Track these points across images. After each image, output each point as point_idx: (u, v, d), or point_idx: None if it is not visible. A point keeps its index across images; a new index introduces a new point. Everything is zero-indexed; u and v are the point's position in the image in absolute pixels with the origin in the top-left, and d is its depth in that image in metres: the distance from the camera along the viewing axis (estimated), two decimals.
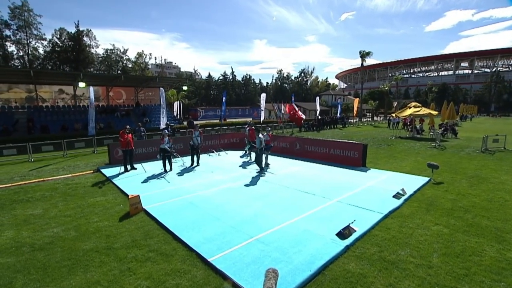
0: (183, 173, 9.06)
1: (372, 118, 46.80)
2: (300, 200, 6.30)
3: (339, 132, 23.85)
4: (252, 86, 79.71)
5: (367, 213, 5.54)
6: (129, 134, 9.32)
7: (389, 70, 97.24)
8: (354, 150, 9.88)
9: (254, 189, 7.17)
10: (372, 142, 16.48)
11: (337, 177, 8.30)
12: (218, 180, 8.17)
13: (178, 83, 28.30)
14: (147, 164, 10.31)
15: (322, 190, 6.96)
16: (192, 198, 6.53)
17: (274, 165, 10.24)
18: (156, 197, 6.64)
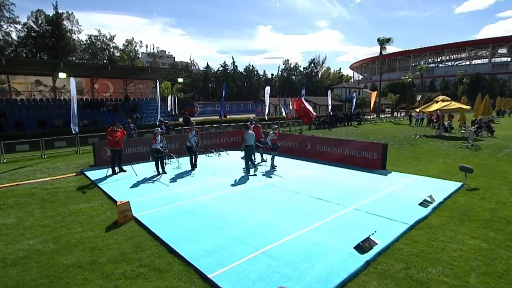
0: (179, 176, 9.09)
1: (392, 114, 46.45)
2: (311, 208, 6.27)
3: (354, 130, 23.77)
4: (255, 78, 79.86)
5: (390, 223, 5.46)
6: (118, 132, 9.34)
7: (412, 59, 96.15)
8: (372, 151, 9.85)
9: (260, 195, 7.16)
10: (392, 141, 16.36)
11: (354, 181, 8.28)
12: (219, 184, 8.19)
13: (173, 74, 28.39)
14: (138, 166, 10.36)
15: (336, 196, 6.94)
16: (189, 205, 6.52)
17: (282, 167, 10.27)
18: (148, 203, 6.63)
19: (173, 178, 8.81)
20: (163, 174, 9.27)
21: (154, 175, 9.16)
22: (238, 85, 73.00)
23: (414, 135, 18.65)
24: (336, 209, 6.14)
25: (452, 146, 14.33)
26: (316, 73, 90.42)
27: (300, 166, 10.43)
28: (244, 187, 7.87)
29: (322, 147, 11.49)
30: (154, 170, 9.49)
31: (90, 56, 52.48)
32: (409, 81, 47.17)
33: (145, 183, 8.34)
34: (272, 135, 10.05)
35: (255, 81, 77.99)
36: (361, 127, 26.99)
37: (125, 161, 9.90)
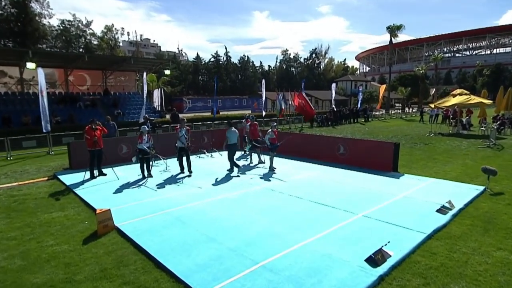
0: (167, 180, 9.07)
1: (403, 109, 46.69)
2: (316, 215, 6.26)
3: (361, 128, 23.90)
4: (251, 70, 79.99)
5: (404, 232, 5.44)
6: (97, 130, 9.27)
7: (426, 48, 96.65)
8: (382, 151, 9.90)
9: (258, 201, 7.16)
10: (404, 140, 16.46)
11: (362, 185, 8.30)
12: (212, 188, 8.20)
13: (158, 66, 28.22)
14: (120, 169, 10.33)
15: (343, 202, 6.95)
16: (179, 212, 6.47)
17: (282, 169, 10.30)
18: (132, 211, 6.56)
19: (161, 182, 8.77)
20: (149, 177, 9.26)
21: (138, 179, 9.14)
22: (232, 78, 73.03)
23: (428, 133, 18.78)
24: (343, 217, 6.12)
25: (472, 145, 14.44)
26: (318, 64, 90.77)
27: (302, 168, 10.48)
28: (241, 192, 7.86)
29: (326, 147, 11.55)
30: (139, 173, 9.45)
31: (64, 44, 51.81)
32: (422, 73, 47.50)
33: (129, 188, 8.31)
34: (270, 133, 10.07)
35: (251, 74, 78.07)
36: (368, 124, 27.14)
37: (105, 163, 9.79)
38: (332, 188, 8.10)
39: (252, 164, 11.28)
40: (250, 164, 11.28)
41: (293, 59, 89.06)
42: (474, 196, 7.24)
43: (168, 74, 32.69)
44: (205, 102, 55.19)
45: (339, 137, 13.17)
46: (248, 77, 76.71)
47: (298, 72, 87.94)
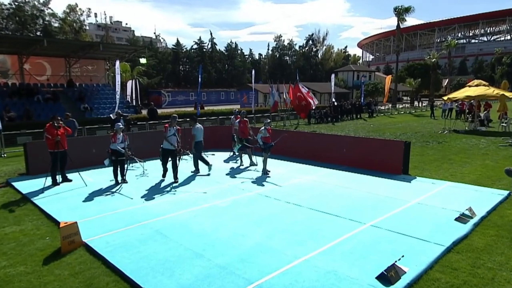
0: (146, 186, 9.03)
1: (412, 103, 47.40)
2: (318, 225, 6.25)
3: (364, 125, 24.17)
4: (239, 59, 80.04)
5: (420, 244, 5.46)
6: (61, 129, 9.12)
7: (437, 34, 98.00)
8: (391, 151, 10.00)
9: (251, 209, 7.15)
10: (414, 138, 16.70)
11: (369, 190, 8.36)
12: (198, 195, 8.15)
13: (133, 53, 27.87)
14: (88, 173, 10.27)
15: (348, 210, 6.97)
16: (159, 224, 6.37)
17: (277, 172, 10.32)
18: (104, 223, 6.44)
19: (138, 189, 8.73)
20: (123, 183, 9.20)
21: (111, 185, 9.10)
22: (218, 67, 72.87)
23: (441, 130, 19.07)
24: (349, 227, 6.12)
25: (492, 144, 14.69)
26: (315, 53, 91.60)
27: (299, 171, 10.52)
28: (231, 199, 7.85)
29: (327, 146, 11.64)
30: (112, 178, 9.39)
31: (17, 26, 50.38)
32: (433, 61, 48.11)
33: (100, 196, 8.21)
34: (263, 132, 10.08)
35: (239, 63, 78.10)
36: (373, 121, 27.45)
37: (71, 167, 9.60)
38: (335, 194, 8.12)
39: (242, 167, 11.25)
40: (240, 167, 11.26)
41: (287, 46, 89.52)
42: (497, 202, 7.31)
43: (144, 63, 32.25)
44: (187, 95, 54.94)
45: (341, 136, 13.24)
46: (236, 67, 76.69)
47: (293, 61, 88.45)
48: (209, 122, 22.03)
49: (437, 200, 7.50)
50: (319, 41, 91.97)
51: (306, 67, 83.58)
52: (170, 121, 9.42)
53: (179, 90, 57.66)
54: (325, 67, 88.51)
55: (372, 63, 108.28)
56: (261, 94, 43.64)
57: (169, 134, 9.14)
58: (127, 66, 33.03)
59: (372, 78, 58.16)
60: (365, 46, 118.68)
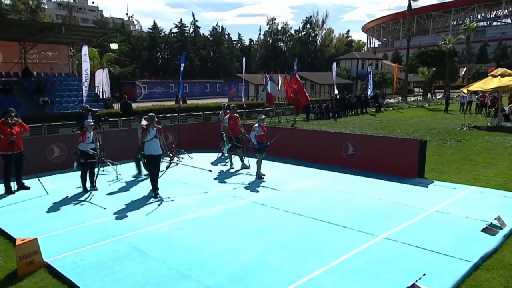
0: (120, 193, 8.97)
1: (425, 95, 47.75)
2: (323, 238, 6.20)
3: (371, 120, 24.33)
4: (226, 45, 79.95)
5: (443, 260, 5.40)
6: (15, 127, 8.96)
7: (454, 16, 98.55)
8: (404, 151, 10.03)
9: (245, 220, 7.09)
10: (429, 135, 16.85)
11: (380, 196, 8.35)
12: (181, 204, 8.07)
13: (102, 37, 27.32)
14: (50, 179, 10.11)
15: (357, 220, 6.95)
16: (137, 239, 6.26)
17: (273, 176, 10.29)
18: (70, 239, 6.30)
19: (111, 197, 8.63)
20: (93, 190, 9.10)
21: (78, 193, 8.98)
22: (202, 55, 72.57)
23: (460, 127, 19.19)
24: (359, 239, 6.09)
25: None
26: (313, 38, 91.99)
27: (299, 175, 10.55)
28: (220, 208, 7.80)
29: (330, 145, 11.70)
30: (79, 185, 9.28)
31: None
32: (449, 47, 48.47)
33: (64, 206, 8.06)
34: (257, 129, 10.04)
35: (226, 50, 77.97)
36: (381, 116, 27.65)
37: (28, 171, 9.42)
38: (341, 201, 8.11)
39: (232, 170, 11.23)
40: (231, 170, 11.23)
41: (282, 30, 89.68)
42: None
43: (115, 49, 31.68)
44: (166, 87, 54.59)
45: (346, 133, 13.24)
46: (223, 54, 76.55)
47: (288, 48, 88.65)
48: (193, 118, 21.89)
49: (459, 207, 7.50)
50: (317, 25, 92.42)
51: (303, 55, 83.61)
52: (148, 121, 8.74)
53: (157, 81, 57.27)
54: (325, 54, 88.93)
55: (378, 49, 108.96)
56: (252, 85, 43.65)
57: (148, 137, 8.48)
58: (95, 53, 32.49)
59: (379, 67, 58.60)
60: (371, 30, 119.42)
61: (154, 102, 37.06)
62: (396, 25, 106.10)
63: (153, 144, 8.48)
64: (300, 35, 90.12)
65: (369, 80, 32.66)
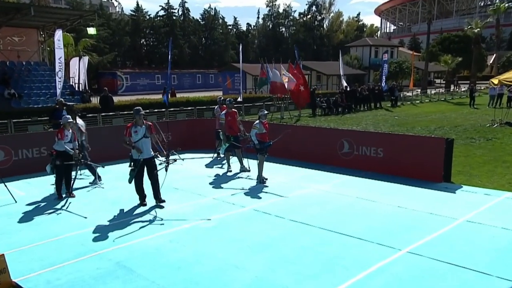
0: (101, 201, 8.93)
1: (447, 87, 47.67)
2: (336, 252, 6.15)
3: (387, 116, 24.36)
4: (220, 30, 79.82)
5: (478, 278, 5.33)
6: None
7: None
8: (428, 151, 10.01)
9: (246, 231, 7.08)
10: (454, 133, 16.83)
11: (402, 204, 8.34)
12: (172, 213, 8.04)
13: (77, 20, 27.20)
14: (18, 184, 10.06)
15: (375, 231, 6.92)
16: (122, 254, 6.22)
17: (278, 180, 10.31)
18: (43, 255, 6.24)
19: (91, 206, 8.60)
20: (69, 197, 9.05)
21: (53, 200, 8.94)
22: (192, 42, 72.35)
23: (490, 123, 19.15)
24: (378, 254, 6.04)
25: None
26: (320, 22, 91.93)
27: (306, 179, 10.55)
28: (218, 217, 7.78)
29: (341, 145, 11.68)
30: (53, 191, 9.25)
31: None
32: (476, 32, 48.25)
33: (36, 215, 8.01)
34: (258, 127, 10.01)
35: (220, 36, 77.84)
36: (397, 111, 27.69)
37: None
38: (356, 209, 8.09)
39: (230, 174, 11.24)
40: (228, 174, 11.24)
41: (283, 14, 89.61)
42: None
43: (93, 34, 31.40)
44: (152, 78, 54.63)
45: (360, 131, 13.21)
46: (217, 40, 76.36)
47: (290, 33, 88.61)
48: (184, 114, 21.83)
49: (494, 217, 7.43)
50: (324, 7, 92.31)
51: (308, 41, 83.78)
52: (134, 117, 8.43)
53: (141, 72, 57.18)
54: (333, 41, 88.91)
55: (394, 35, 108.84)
56: (250, 76, 43.61)
57: (137, 137, 8.24)
58: (69, 38, 32.25)
59: (394, 55, 58.65)
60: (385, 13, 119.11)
61: (138, 95, 37.07)
62: (414, 7, 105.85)
63: (143, 146, 8.25)
64: (304, 19, 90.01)
65: (383, 70, 32.73)
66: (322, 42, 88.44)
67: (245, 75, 39.62)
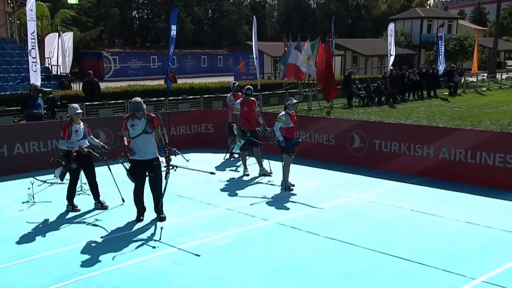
0: (87, 211, 9.08)
1: None
2: (387, 280, 6.09)
3: (444, 107, 24.34)
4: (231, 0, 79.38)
5: None
6: None
7: None
8: (505, 152, 9.94)
9: (269, 251, 7.09)
10: None
11: (471, 219, 8.28)
12: (176, 227, 8.15)
13: None
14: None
15: (438, 254, 6.85)
16: (114, 279, 6.21)
17: (307, 187, 10.48)
18: (16, 279, 6.25)
19: (75, 217, 8.76)
20: (100, 208, 9.16)
21: (27, 210, 9.09)
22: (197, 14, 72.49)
23: None
24: (446, 283, 5.94)
25: None
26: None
27: (344, 185, 10.67)
28: (234, 232, 7.83)
29: (389, 143, 11.77)
30: (26, 198, 9.43)
31: None
32: None
33: (6, 229, 8.12)
34: (284, 119, 10.00)
35: (231, 8, 78.07)
36: (457, 100, 27.54)
37: None
38: (413, 225, 8.07)
39: (247, 178, 11.36)
40: (244, 178, 11.37)
41: None
42: None
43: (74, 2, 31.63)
44: (146, 60, 55.01)
45: (414, 125, 13.04)
46: (227, 13, 76.63)
47: (319, 4, 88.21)
48: (187, 104, 22.08)
49: None
50: None
51: (341, 14, 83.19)
52: (131, 109, 8.50)
53: (133, 52, 57.59)
54: (373, 13, 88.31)
55: (451, 4, 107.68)
56: (269, 58, 43.62)
57: (135, 133, 8.22)
58: (44, 9, 32.69)
59: (453, 30, 57.91)
60: None
61: (130, 81, 37.22)
62: None
63: (140, 144, 8.17)
64: None
65: (439, 49, 32.29)
66: (359, 14, 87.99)
67: (262, 56, 39.57)
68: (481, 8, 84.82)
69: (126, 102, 20.26)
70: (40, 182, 10.56)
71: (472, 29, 51.63)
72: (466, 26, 62.98)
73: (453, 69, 33.06)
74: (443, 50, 32.50)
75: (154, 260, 6.73)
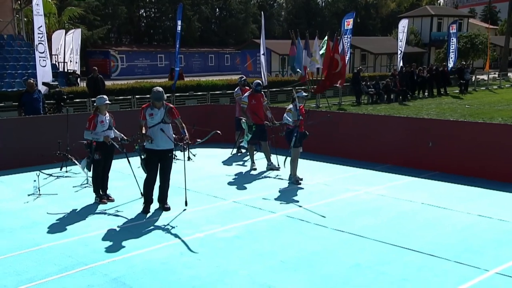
0: (90, 203, 9.15)
1: None
2: (399, 272, 6.06)
3: (455, 105, 24.33)
4: None
5: None
6: None
7: None
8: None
9: (278, 244, 7.09)
10: None
11: (484, 213, 8.26)
12: (183, 219, 8.17)
13: None
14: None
15: (451, 246, 6.84)
16: (120, 269, 6.21)
17: (316, 180, 10.54)
18: (19, 269, 6.24)
19: (80, 208, 8.79)
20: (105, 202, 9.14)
21: (32, 202, 9.06)
22: (204, 13, 72.66)
23: None
24: (458, 275, 5.89)
25: None
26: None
27: (354, 179, 10.71)
28: (241, 224, 7.85)
29: (399, 137, 11.89)
30: (27, 189, 9.39)
31: None
32: None
33: (9, 220, 8.17)
34: (294, 111, 9.98)
35: (239, 7, 78.01)
36: (469, 98, 27.55)
37: None
38: (425, 218, 8.06)
39: (255, 172, 11.41)
40: (252, 172, 11.41)
41: None
42: None
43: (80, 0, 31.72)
44: (153, 58, 55.16)
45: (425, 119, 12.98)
46: (234, 12, 76.70)
47: (327, 2, 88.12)
48: (193, 100, 22.26)
49: None
50: None
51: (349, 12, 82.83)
52: (151, 98, 8.62)
53: (140, 50, 57.74)
54: (381, 11, 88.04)
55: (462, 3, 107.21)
56: (276, 56, 43.69)
57: (153, 122, 8.38)
58: (51, 6, 32.85)
59: (463, 28, 57.61)
60: None
61: (137, 78, 37.31)
62: None
63: (157, 133, 8.29)
64: None
65: (450, 47, 32.13)
66: (368, 13, 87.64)
67: (269, 54, 39.61)
68: (492, 7, 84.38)
69: (132, 98, 20.32)
70: (46, 176, 10.73)
71: (483, 27, 51.36)
72: (476, 25, 62.82)
73: (464, 66, 32.97)
74: (455, 46, 32.32)
75: (160, 251, 6.74)
